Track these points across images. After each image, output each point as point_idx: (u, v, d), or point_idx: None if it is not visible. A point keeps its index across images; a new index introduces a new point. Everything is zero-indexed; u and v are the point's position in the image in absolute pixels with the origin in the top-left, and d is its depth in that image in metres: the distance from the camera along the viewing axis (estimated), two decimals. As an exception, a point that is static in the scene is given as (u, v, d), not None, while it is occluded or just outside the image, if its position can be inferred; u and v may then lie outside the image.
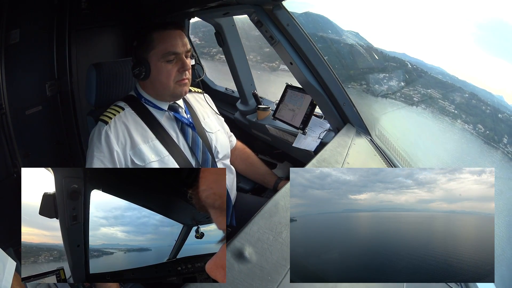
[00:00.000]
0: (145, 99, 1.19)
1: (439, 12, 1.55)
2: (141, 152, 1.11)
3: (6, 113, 1.78)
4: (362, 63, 1.90)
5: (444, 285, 0.86)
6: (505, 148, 1.49)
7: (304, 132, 1.61)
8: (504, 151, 1.48)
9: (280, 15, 1.33)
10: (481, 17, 1.46)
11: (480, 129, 1.58)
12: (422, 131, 1.73)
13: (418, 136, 1.70)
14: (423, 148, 1.62)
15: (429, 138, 1.70)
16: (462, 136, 1.63)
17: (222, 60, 2.31)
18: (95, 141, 1.10)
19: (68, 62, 2.05)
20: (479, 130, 1.58)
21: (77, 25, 2.04)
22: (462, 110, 1.66)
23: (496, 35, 1.43)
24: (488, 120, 1.60)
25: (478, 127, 1.59)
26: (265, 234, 0.75)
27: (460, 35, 1.54)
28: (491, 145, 1.52)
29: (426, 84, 1.78)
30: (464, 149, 1.61)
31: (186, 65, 1.13)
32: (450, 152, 1.61)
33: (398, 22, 1.69)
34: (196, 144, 1.20)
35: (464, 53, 1.55)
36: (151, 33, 1.11)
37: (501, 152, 1.49)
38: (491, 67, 1.46)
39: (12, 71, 1.78)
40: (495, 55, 1.45)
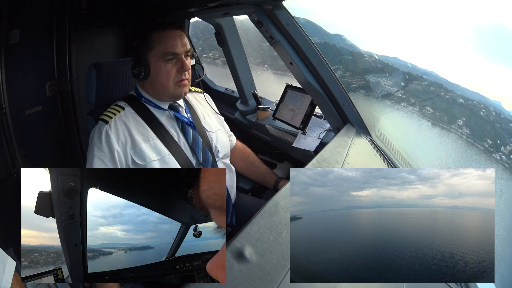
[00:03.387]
0: (145, 99, 1.19)
1: (436, 17, 1.56)
2: (142, 151, 1.11)
3: (6, 113, 1.78)
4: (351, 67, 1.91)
5: (444, 285, 0.86)
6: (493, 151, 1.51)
7: (304, 132, 1.61)
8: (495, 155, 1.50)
9: (280, 15, 1.33)
10: (479, 23, 1.47)
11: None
12: (422, 133, 1.74)
13: (418, 137, 1.70)
14: (424, 148, 1.63)
15: (429, 139, 1.70)
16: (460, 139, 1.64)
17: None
18: (95, 140, 1.10)
19: (68, 62, 2.04)
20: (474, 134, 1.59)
21: (77, 25, 2.03)
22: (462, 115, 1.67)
23: (495, 41, 1.44)
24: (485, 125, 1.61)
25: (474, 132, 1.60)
26: (265, 234, 0.75)
27: (458, 41, 1.55)
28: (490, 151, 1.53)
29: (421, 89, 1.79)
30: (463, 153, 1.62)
31: (186, 65, 1.13)
32: (450, 153, 1.62)
33: (396, 27, 1.70)
34: (197, 143, 1.20)
35: (462, 59, 1.56)
36: (150, 33, 1.11)
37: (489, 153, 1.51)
38: (490, 73, 1.46)
39: (12, 71, 1.77)
40: (494, 62, 1.46)
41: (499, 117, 1.58)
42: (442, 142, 1.67)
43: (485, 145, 1.56)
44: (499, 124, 1.59)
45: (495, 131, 1.58)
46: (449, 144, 1.65)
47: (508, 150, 1.50)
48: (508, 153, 1.49)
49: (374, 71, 1.93)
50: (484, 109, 1.61)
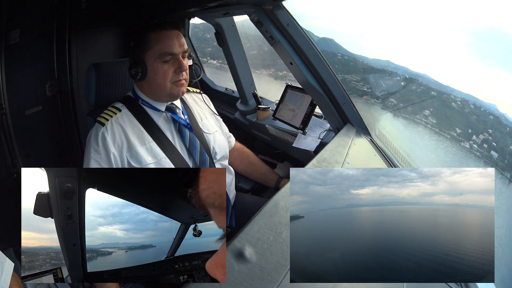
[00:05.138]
0: (142, 100, 1.18)
1: (431, 19, 1.56)
2: (138, 154, 1.10)
3: (6, 113, 1.78)
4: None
5: (444, 285, 0.86)
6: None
7: (304, 132, 1.61)
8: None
9: (280, 15, 1.33)
10: (475, 26, 1.47)
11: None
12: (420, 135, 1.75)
13: (418, 137, 1.71)
14: (424, 148, 1.63)
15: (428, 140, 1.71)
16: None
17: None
18: (92, 142, 1.10)
19: (68, 62, 2.05)
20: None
21: (77, 25, 2.04)
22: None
23: (491, 44, 1.44)
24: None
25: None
26: (265, 234, 0.75)
27: (453, 44, 1.55)
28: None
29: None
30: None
31: (183, 65, 1.12)
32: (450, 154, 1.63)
33: (390, 30, 1.71)
34: (194, 145, 1.19)
35: (458, 63, 1.57)
36: (147, 33, 1.11)
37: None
38: (486, 77, 1.47)
39: (12, 71, 1.78)
40: (489, 65, 1.47)
41: (479, 110, 1.61)
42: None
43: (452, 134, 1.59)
44: (476, 116, 1.62)
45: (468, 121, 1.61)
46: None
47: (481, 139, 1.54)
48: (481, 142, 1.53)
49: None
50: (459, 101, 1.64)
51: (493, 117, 1.58)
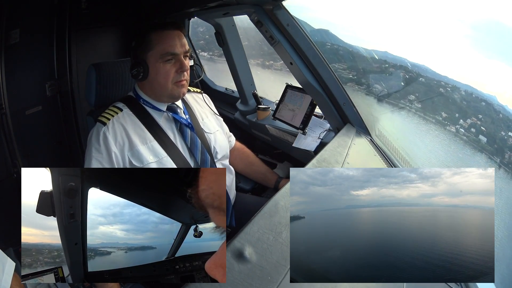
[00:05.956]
0: (143, 100, 1.19)
1: (432, 12, 1.56)
2: (139, 154, 1.11)
3: (6, 113, 1.78)
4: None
5: (444, 285, 0.86)
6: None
7: (304, 132, 1.61)
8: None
9: (280, 15, 1.33)
10: (476, 18, 1.47)
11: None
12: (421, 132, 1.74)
13: (418, 136, 1.70)
14: (424, 148, 1.63)
15: (428, 139, 1.71)
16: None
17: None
18: (93, 142, 1.10)
19: (68, 62, 2.05)
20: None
21: (77, 25, 2.04)
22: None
23: (492, 36, 1.44)
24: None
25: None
26: (265, 234, 0.75)
27: (454, 36, 1.55)
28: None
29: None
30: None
31: (184, 66, 1.12)
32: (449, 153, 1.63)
33: (390, 22, 1.71)
34: (195, 144, 1.20)
35: (459, 55, 1.57)
36: (149, 34, 1.11)
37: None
38: (487, 69, 1.47)
39: (12, 71, 1.78)
40: (490, 57, 1.46)
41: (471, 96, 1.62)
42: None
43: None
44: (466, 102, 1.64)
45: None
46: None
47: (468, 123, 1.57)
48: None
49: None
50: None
51: (485, 103, 1.59)
